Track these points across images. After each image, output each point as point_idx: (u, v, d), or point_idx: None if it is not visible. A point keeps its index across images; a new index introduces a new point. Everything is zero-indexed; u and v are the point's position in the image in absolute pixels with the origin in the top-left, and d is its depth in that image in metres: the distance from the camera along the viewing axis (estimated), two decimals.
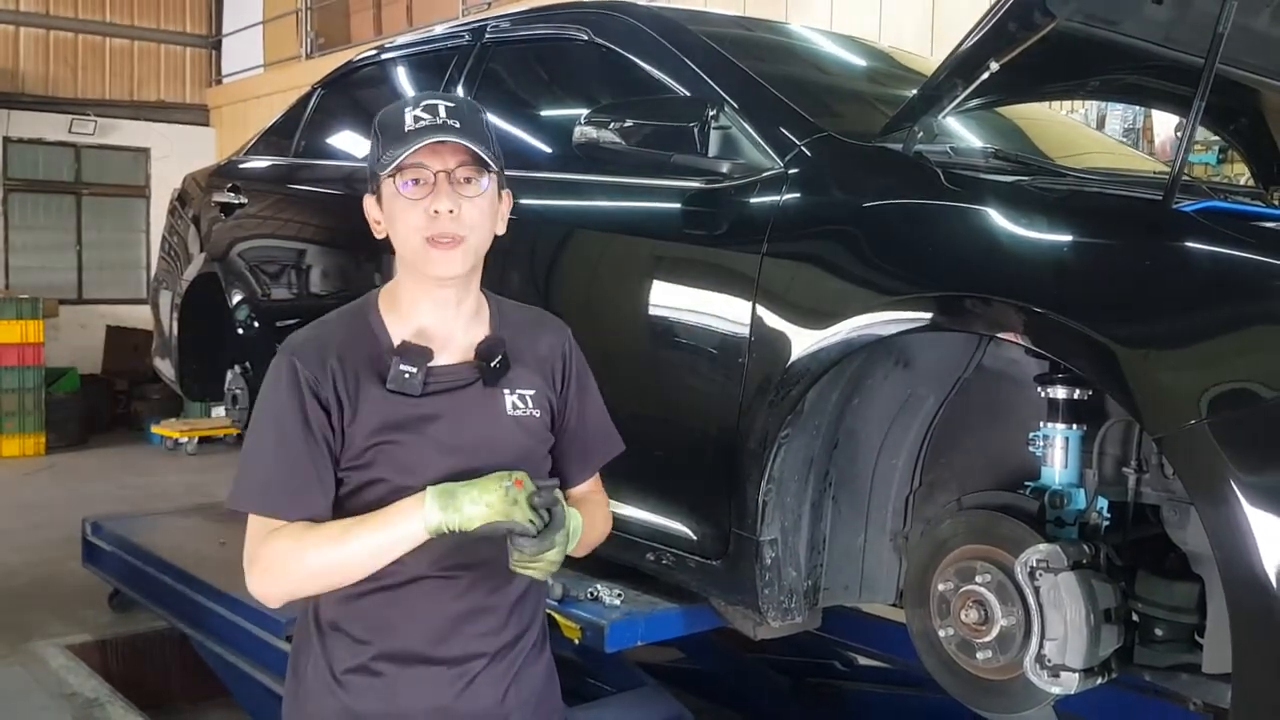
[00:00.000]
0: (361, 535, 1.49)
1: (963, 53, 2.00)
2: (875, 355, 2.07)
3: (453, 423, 1.57)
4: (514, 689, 1.63)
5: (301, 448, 1.53)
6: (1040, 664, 1.82)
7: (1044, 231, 1.85)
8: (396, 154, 1.52)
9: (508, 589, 1.62)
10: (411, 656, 1.58)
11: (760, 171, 2.27)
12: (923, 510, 2.26)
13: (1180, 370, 1.64)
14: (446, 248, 1.53)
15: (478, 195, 1.56)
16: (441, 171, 1.53)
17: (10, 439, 8.52)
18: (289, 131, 4.03)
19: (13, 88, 10.56)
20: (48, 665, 3.96)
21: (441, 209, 1.52)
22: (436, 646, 1.58)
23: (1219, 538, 1.53)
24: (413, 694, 1.58)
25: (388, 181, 1.55)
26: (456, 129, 1.52)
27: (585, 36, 2.82)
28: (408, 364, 1.55)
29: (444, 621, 1.59)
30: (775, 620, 2.21)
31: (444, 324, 1.61)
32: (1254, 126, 2.79)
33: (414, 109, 1.54)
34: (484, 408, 1.60)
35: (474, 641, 1.60)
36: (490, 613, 1.61)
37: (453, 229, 1.53)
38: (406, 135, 1.52)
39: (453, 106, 1.55)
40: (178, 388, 4.56)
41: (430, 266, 1.55)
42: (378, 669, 1.59)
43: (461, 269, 1.57)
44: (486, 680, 1.61)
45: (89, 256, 11.02)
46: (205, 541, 4.31)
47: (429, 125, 1.52)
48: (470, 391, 1.59)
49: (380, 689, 1.59)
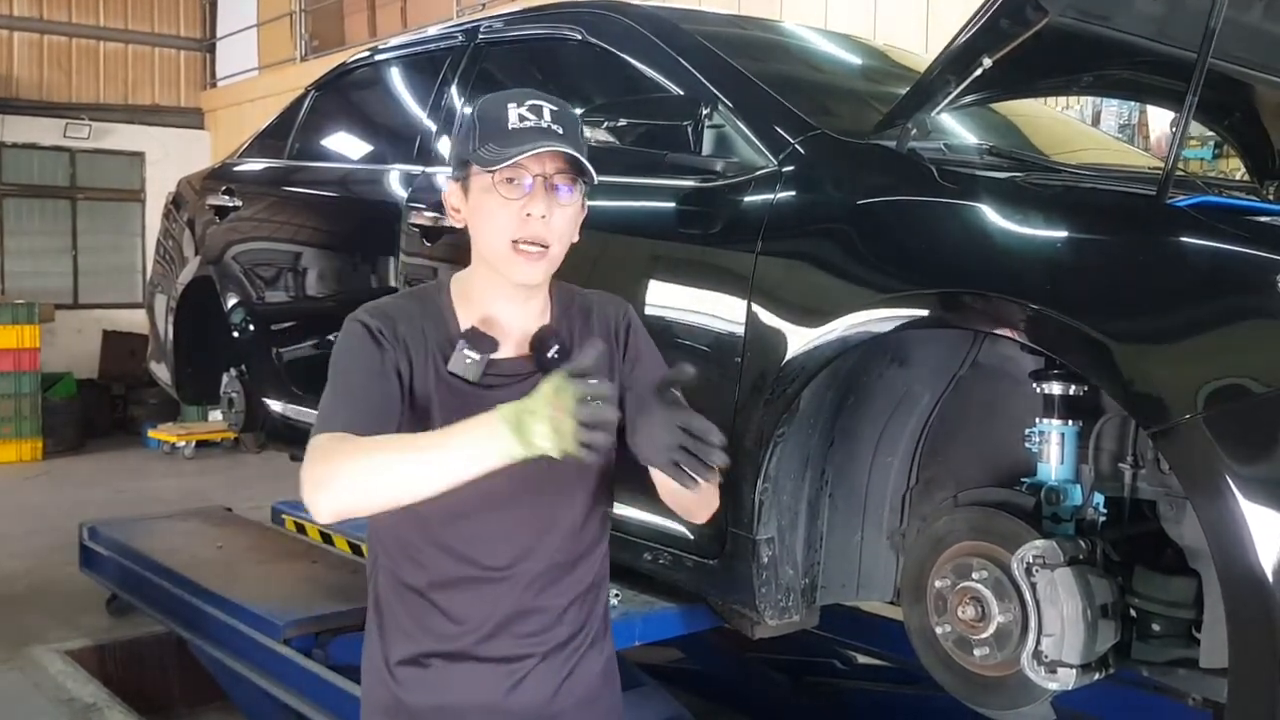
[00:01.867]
0: (427, 445, 1.38)
1: (956, 49, 2.00)
2: (871, 353, 2.07)
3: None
4: (566, 687, 1.63)
5: (377, 386, 1.52)
6: (1038, 660, 1.82)
7: (1039, 227, 1.85)
8: (501, 151, 1.50)
9: (558, 589, 1.62)
10: (460, 654, 1.59)
11: (754, 170, 2.27)
12: (919, 507, 2.26)
13: (1176, 365, 1.64)
14: (532, 258, 1.54)
15: (569, 204, 1.56)
16: (540, 176, 1.53)
17: (7, 444, 8.50)
18: (283, 134, 4.03)
19: (6, 92, 10.54)
20: (46, 670, 3.95)
21: (535, 213, 1.52)
22: (484, 646, 1.59)
23: (1215, 532, 1.52)
24: (463, 690, 1.59)
25: (481, 176, 1.54)
26: (560, 135, 1.52)
27: (579, 36, 2.82)
28: (471, 350, 1.56)
29: (491, 623, 1.59)
30: (773, 619, 2.21)
31: (512, 318, 1.61)
32: (1248, 121, 2.79)
33: (519, 106, 1.54)
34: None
35: (523, 642, 1.60)
36: (540, 613, 1.61)
37: (543, 234, 1.53)
38: (510, 133, 1.51)
39: (556, 110, 1.55)
40: (174, 392, 4.56)
41: (512, 272, 1.56)
42: (428, 663, 1.60)
43: (542, 278, 1.58)
44: (537, 679, 1.61)
45: (84, 261, 11.00)
46: (203, 545, 4.31)
47: (534, 128, 1.52)
48: (528, 384, 1.54)
49: (431, 682, 1.60)
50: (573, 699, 1.64)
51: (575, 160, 1.54)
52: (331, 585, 3.78)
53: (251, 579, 3.83)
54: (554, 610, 1.62)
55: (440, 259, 2.91)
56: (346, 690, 3.02)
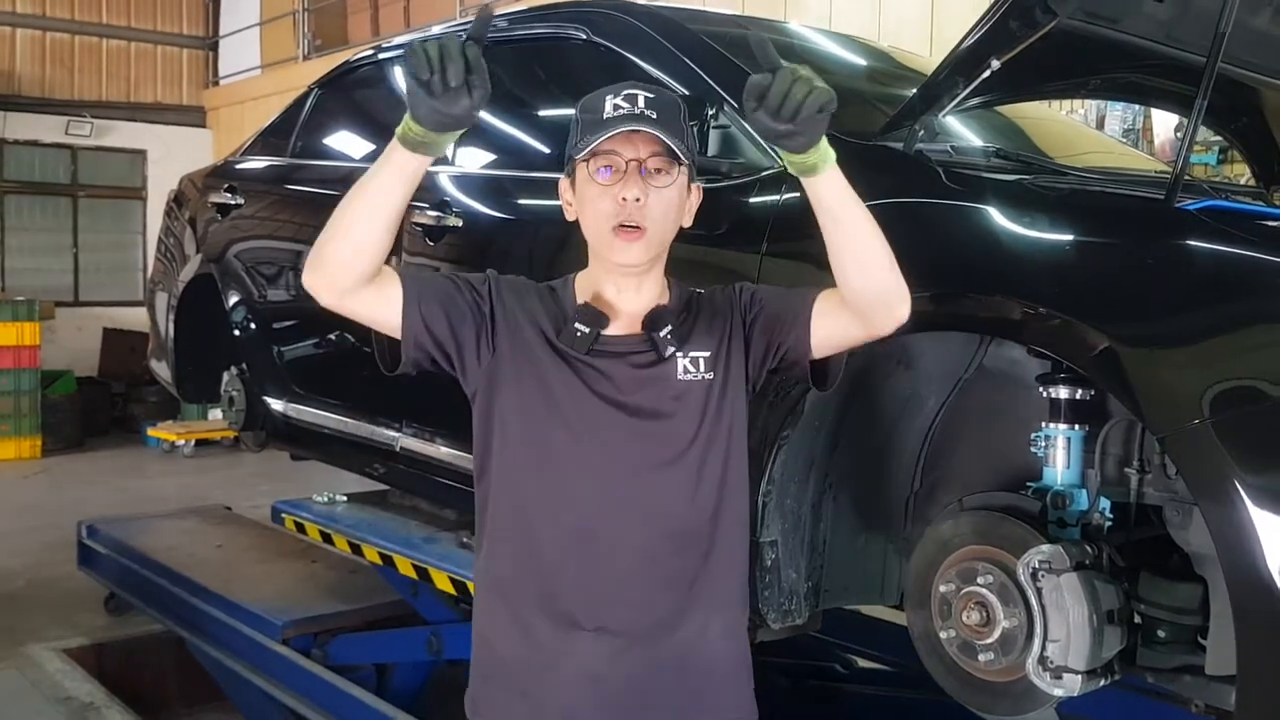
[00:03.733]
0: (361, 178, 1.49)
1: (964, 51, 1.99)
2: (876, 356, 2.06)
3: (621, 386, 1.61)
4: (671, 673, 1.64)
5: (451, 286, 1.63)
6: (1043, 665, 1.81)
7: (1046, 230, 1.84)
8: (592, 139, 1.56)
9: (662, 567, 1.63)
10: (566, 620, 1.61)
11: (759, 171, 2.26)
12: (924, 511, 2.25)
13: (1183, 369, 1.63)
14: (631, 238, 1.58)
15: (666, 187, 1.59)
16: (633, 160, 1.57)
17: (6, 442, 8.50)
18: (286, 132, 4.02)
19: (9, 89, 10.54)
20: (44, 669, 3.94)
21: (629, 196, 1.56)
22: (589, 619, 1.61)
23: (1222, 538, 1.52)
24: (566, 660, 1.61)
25: (581, 166, 1.60)
26: (653, 119, 1.56)
27: (584, 36, 2.81)
28: (582, 323, 1.61)
29: (597, 590, 1.61)
30: (775, 622, 2.20)
31: (624, 301, 1.65)
32: (1255, 126, 2.78)
33: (615, 97, 1.58)
34: (655, 373, 1.63)
35: (629, 611, 1.62)
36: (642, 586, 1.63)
37: (638, 218, 1.57)
38: (604, 122, 1.56)
39: (652, 97, 1.59)
40: (174, 390, 4.54)
41: (614, 253, 1.60)
42: (531, 626, 1.64)
43: (643, 258, 1.61)
44: (639, 656, 1.62)
45: (85, 259, 11.01)
46: (201, 544, 4.31)
47: (626, 114, 1.56)
48: (642, 358, 1.63)
49: (532, 648, 1.63)
50: (678, 685, 1.66)
51: (668, 143, 1.56)
52: (331, 585, 3.78)
53: (250, 578, 3.83)
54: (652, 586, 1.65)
55: (442, 258, 2.90)
56: (345, 690, 3.01)
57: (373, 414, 3.22)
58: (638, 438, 1.61)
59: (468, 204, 2.91)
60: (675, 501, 1.63)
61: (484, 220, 2.89)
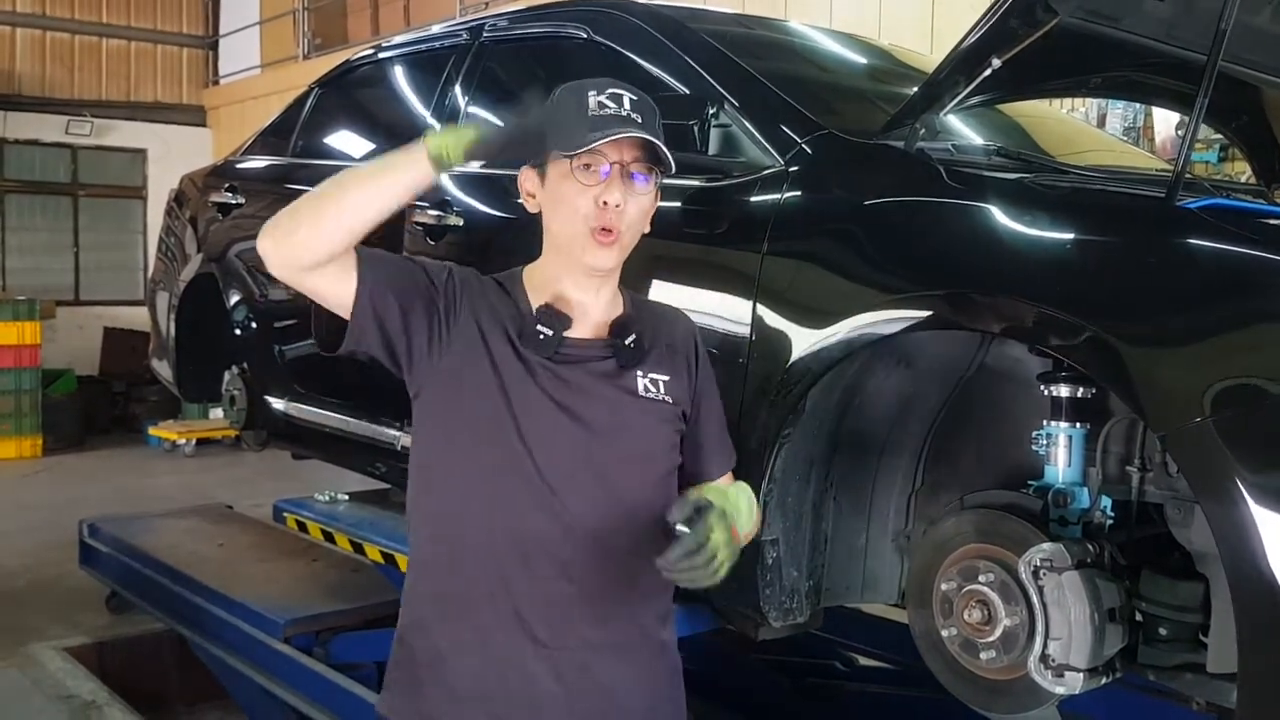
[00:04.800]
0: (365, 168, 1.55)
1: (965, 49, 1.99)
2: (877, 354, 2.05)
3: (581, 394, 1.59)
4: (634, 687, 1.65)
5: (407, 268, 1.61)
6: (1044, 664, 1.81)
7: (1047, 229, 1.84)
8: (580, 137, 1.52)
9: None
10: (517, 640, 1.59)
11: (761, 170, 2.26)
12: (925, 510, 2.25)
13: (1185, 367, 1.63)
14: (607, 241, 1.56)
15: (644, 193, 1.59)
16: (618, 164, 1.55)
17: (7, 441, 8.50)
18: (286, 131, 4.02)
19: (9, 89, 10.55)
20: (45, 668, 3.94)
21: (612, 201, 1.55)
22: (542, 633, 1.59)
23: (1224, 536, 1.51)
24: (517, 677, 1.59)
25: (559, 162, 1.56)
26: (639, 124, 1.54)
27: (584, 35, 2.81)
28: (545, 326, 1.58)
29: (551, 610, 1.59)
30: (777, 621, 2.19)
31: (583, 303, 1.64)
32: (1255, 124, 2.78)
33: (597, 94, 1.55)
34: (615, 384, 1.61)
35: (582, 629, 1.61)
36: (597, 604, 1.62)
37: (617, 222, 1.56)
38: (591, 120, 1.53)
39: (636, 100, 1.58)
40: (175, 389, 4.55)
41: (588, 256, 1.58)
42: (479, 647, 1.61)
43: (616, 262, 1.61)
44: (598, 672, 1.61)
45: (86, 258, 11.01)
46: (202, 543, 4.31)
47: (614, 115, 1.54)
48: (602, 366, 1.61)
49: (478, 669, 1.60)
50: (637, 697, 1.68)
51: (653, 149, 1.55)
52: (332, 583, 3.77)
53: (252, 577, 3.82)
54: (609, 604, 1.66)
55: (442, 257, 2.90)
56: (346, 688, 3.01)
57: (374, 413, 3.23)
58: (591, 445, 1.59)
59: (468, 203, 2.91)
60: (625, 510, 1.61)
61: (484, 219, 2.89)
